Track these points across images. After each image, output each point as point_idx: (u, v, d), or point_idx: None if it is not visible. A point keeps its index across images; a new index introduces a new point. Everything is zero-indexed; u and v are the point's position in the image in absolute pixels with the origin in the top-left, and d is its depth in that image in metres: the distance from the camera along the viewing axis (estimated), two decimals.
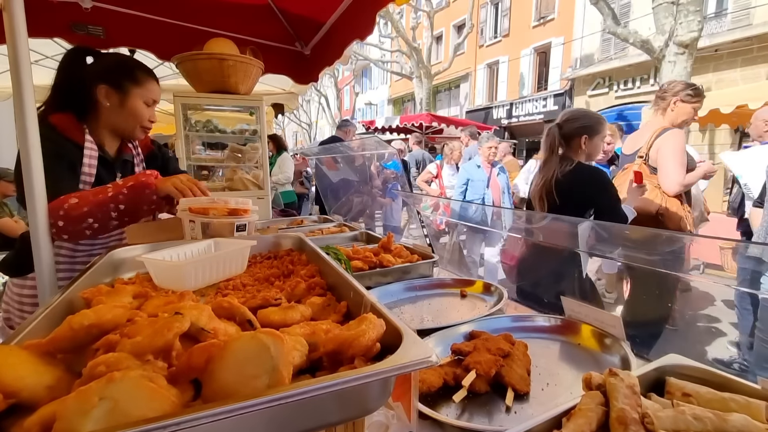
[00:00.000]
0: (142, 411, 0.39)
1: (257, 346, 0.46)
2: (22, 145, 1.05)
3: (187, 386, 0.47)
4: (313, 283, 0.88)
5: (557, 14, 15.35)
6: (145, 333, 0.51)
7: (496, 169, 4.39)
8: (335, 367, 0.54)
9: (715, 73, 10.82)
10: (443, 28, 20.67)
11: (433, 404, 0.78)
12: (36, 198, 1.06)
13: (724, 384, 0.67)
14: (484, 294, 1.42)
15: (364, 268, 1.50)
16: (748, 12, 10.17)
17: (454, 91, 21.50)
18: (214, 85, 2.29)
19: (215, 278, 0.95)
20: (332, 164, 3.63)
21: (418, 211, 2.38)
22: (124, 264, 1.05)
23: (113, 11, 2.25)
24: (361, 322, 0.57)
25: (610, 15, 7.45)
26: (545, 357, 0.99)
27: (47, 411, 0.40)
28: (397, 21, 14.01)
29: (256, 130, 2.55)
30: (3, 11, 1.03)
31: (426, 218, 2.35)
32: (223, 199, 1.27)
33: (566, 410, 0.61)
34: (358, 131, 7.65)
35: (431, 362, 0.48)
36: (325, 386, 0.42)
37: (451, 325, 1.07)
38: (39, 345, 0.53)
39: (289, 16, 2.47)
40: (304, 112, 28.69)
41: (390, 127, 10.96)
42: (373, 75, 29.91)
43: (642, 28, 8.59)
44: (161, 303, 0.71)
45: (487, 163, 4.34)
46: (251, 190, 2.55)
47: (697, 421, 0.55)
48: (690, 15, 6.30)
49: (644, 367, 0.72)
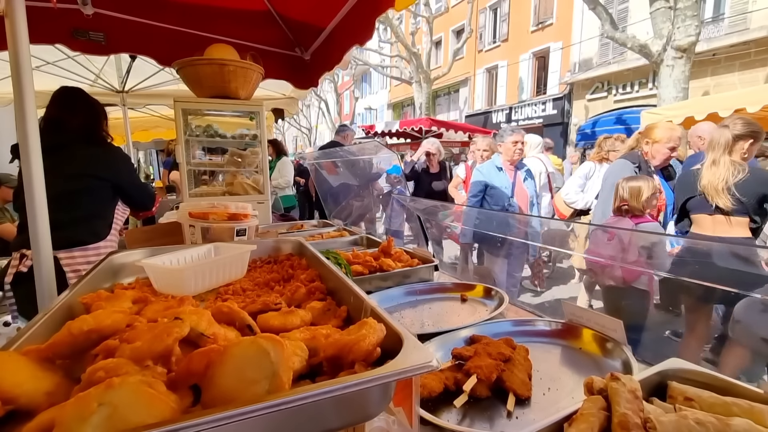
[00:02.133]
0: (141, 417, 0.38)
1: (257, 352, 0.46)
2: (23, 148, 1.05)
3: (186, 392, 0.46)
4: (313, 288, 0.88)
5: (555, 19, 15.45)
6: (144, 338, 0.51)
7: (522, 172, 3.34)
8: (335, 372, 0.54)
9: (713, 77, 10.87)
10: (442, 33, 20.79)
11: (434, 409, 0.78)
12: (36, 199, 1.06)
13: (727, 388, 0.66)
14: (484, 298, 1.41)
15: (364, 272, 1.50)
16: (745, 16, 10.24)
17: (453, 96, 21.59)
18: (215, 91, 2.30)
19: (215, 283, 0.95)
20: (332, 169, 3.64)
21: (419, 215, 2.38)
22: (124, 269, 1.05)
23: (114, 17, 2.27)
24: (362, 327, 0.57)
25: (608, 20, 7.50)
26: (546, 361, 0.98)
27: (46, 417, 0.40)
28: (396, 26, 14.09)
29: (256, 135, 2.56)
30: (5, 18, 1.03)
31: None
32: (223, 204, 1.27)
33: (568, 415, 0.61)
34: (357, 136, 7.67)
35: (432, 367, 0.48)
36: (326, 391, 0.42)
37: (451, 330, 1.07)
38: (38, 350, 0.52)
39: (289, 21, 2.48)
40: (304, 117, 28.80)
41: (390, 132, 11.00)
42: (372, 80, 30.04)
43: (640, 33, 8.64)
44: (161, 308, 0.71)
45: (510, 164, 3.28)
46: (251, 194, 2.55)
47: (700, 425, 0.54)
48: (687, 19, 6.34)
49: (646, 372, 0.72)
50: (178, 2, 2.25)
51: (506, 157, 3.29)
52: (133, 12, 2.31)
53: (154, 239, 1.60)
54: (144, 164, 12.07)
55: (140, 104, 4.68)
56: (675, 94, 6.78)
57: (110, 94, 4.03)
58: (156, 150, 11.14)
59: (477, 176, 3.35)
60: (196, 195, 2.45)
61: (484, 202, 3.27)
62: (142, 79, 3.84)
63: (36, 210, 1.07)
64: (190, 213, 1.31)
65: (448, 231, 3.78)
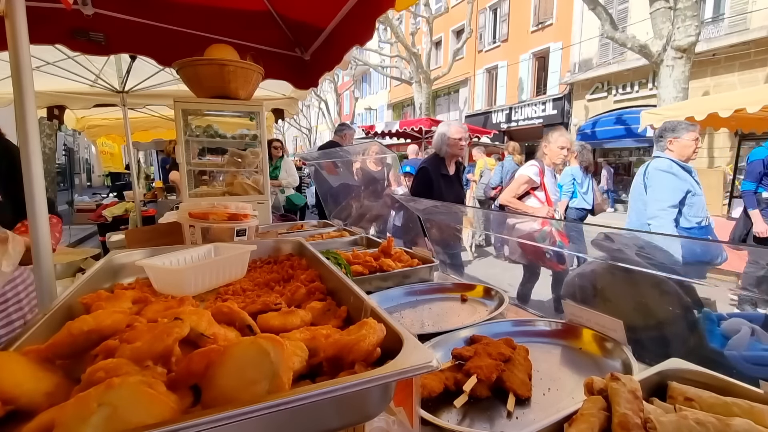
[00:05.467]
0: (141, 417, 0.38)
1: (257, 352, 0.46)
2: (23, 149, 1.05)
3: (186, 392, 0.46)
4: (313, 288, 0.88)
5: (555, 19, 15.45)
6: (144, 338, 0.51)
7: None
8: (335, 372, 0.54)
9: (713, 77, 10.87)
10: (442, 33, 20.79)
11: (434, 410, 0.78)
12: (36, 198, 1.06)
13: (727, 388, 0.66)
14: (484, 298, 1.41)
15: (364, 272, 1.50)
16: (745, 17, 10.24)
17: (453, 96, 21.59)
18: (215, 91, 2.30)
19: (215, 283, 0.95)
20: (332, 169, 3.63)
21: (419, 216, 2.38)
22: (124, 269, 1.05)
23: (114, 18, 2.26)
24: (362, 327, 0.57)
25: (608, 20, 7.50)
26: (546, 361, 0.98)
27: (46, 417, 0.40)
28: (396, 27, 14.10)
29: (256, 135, 2.56)
30: (5, 18, 1.03)
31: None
32: (223, 204, 1.27)
33: (568, 415, 0.61)
34: (358, 136, 7.64)
35: (432, 367, 0.48)
36: (326, 392, 0.42)
37: (451, 330, 1.07)
38: (38, 351, 0.52)
39: (289, 22, 2.48)
40: (304, 117, 28.81)
41: (390, 132, 11.00)
42: (372, 80, 30.04)
43: (640, 33, 8.64)
44: (161, 308, 0.71)
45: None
46: (251, 195, 2.55)
47: (700, 425, 0.54)
48: (687, 20, 6.34)
49: (646, 372, 0.72)
50: (178, 2, 2.25)
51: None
52: (133, 12, 2.31)
53: (154, 239, 1.60)
54: (144, 164, 12.08)
55: (140, 104, 4.67)
56: (675, 95, 6.79)
57: (110, 94, 4.03)
58: (156, 150, 11.14)
59: (668, 180, 2.40)
60: (196, 195, 2.45)
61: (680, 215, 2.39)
62: (142, 80, 3.84)
63: (36, 210, 1.07)
64: (190, 213, 1.31)
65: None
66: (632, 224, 2.66)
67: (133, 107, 4.60)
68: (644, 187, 2.56)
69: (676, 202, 2.38)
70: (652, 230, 2.39)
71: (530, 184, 3.06)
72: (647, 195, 2.52)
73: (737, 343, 1.11)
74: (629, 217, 2.74)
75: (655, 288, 1.28)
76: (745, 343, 1.10)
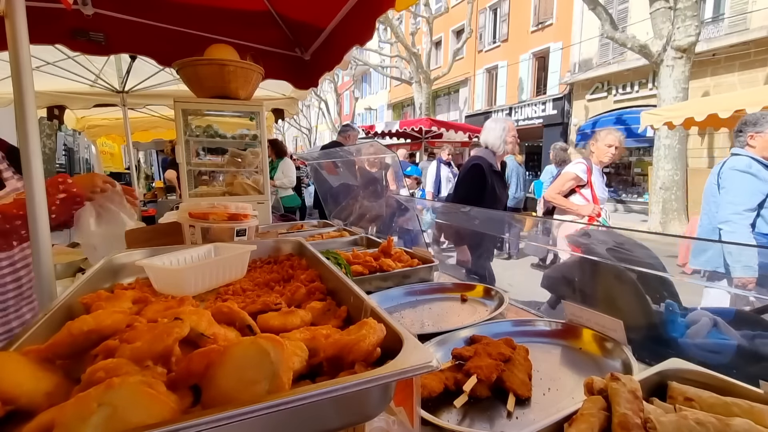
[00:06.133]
0: (141, 417, 0.38)
1: (257, 352, 0.46)
2: (23, 149, 1.05)
3: (186, 392, 0.46)
4: (313, 288, 0.88)
5: (555, 19, 15.45)
6: (144, 338, 0.51)
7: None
8: (335, 373, 0.54)
9: (713, 77, 10.87)
10: (442, 33, 20.80)
11: (434, 410, 0.78)
12: (36, 200, 1.06)
13: (727, 388, 0.66)
14: (484, 298, 1.41)
15: (364, 272, 1.50)
16: (745, 17, 10.24)
17: (453, 96, 21.59)
18: (215, 91, 2.30)
19: (215, 283, 0.95)
20: (332, 169, 3.63)
21: (418, 215, 2.38)
22: (124, 269, 1.05)
23: (114, 18, 2.26)
24: (362, 327, 0.57)
25: (608, 20, 7.51)
26: (546, 361, 0.98)
27: (46, 418, 0.40)
28: (396, 27, 14.11)
29: (256, 135, 2.56)
30: (5, 18, 1.03)
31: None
32: (223, 204, 1.27)
33: (568, 415, 0.61)
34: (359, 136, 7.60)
35: (432, 367, 0.48)
36: (326, 392, 0.42)
37: (451, 330, 1.07)
38: (38, 351, 0.52)
39: (289, 22, 2.48)
40: (304, 117, 28.82)
41: (390, 132, 11.00)
42: (372, 80, 30.04)
43: (640, 33, 8.64)
44: (161, 308, 0.71)
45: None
46: (251, 195, 2.55)
47: (700, 426, 0.54)
48: (687, 20, 6.35)
49: (646, 372, 0.72)
50: (178, 2, 2.25)
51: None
52: (133, 12, 2.31)
53: (154, 239, 1.60)
54: (144, 164, 12.08)
55: (140, 104, 4.67)
56: (675, 95, 6.80)
57: (110, 94, 4.03)
58: (156, 150, 11.14)
59: (746, 181, 2.16)
60: (196, 195, 2.45)
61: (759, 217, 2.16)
62: (142, 80, 3.84)
63: (36, 210, 1.07)
64: (190, 213, 1.31)
65: None
66: (703, 228, 2.46)
67: (133, 107, 4.60)
68: (717, 187, 2.31)
69: (754, 206, 2.07)
70: (723, 235, 2.15)
71: (577, 181, 3.01)
72: (720, 196, 2.27)
73: (695, 333, 1.13)
74: (701, 220, 2.52)
75: (616, 279, 1.36)
76: (704, 334, 1.12)
